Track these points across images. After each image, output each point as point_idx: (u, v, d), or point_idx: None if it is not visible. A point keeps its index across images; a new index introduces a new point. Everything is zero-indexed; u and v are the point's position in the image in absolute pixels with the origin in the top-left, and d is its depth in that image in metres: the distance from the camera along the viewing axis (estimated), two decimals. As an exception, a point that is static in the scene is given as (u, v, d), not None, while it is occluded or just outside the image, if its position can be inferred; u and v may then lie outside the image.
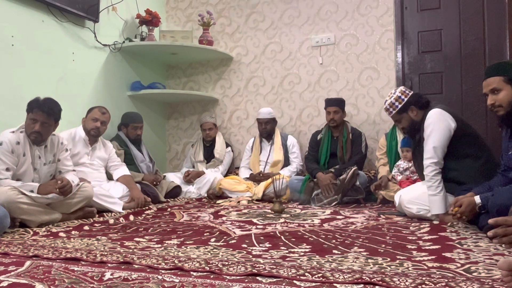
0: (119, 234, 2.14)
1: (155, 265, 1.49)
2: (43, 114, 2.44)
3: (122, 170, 3.32)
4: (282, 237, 1.98)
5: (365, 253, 1.62)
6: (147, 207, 3.13)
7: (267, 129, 3.95)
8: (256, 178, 3.83)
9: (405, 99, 2.56)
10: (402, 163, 3.28)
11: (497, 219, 1.48)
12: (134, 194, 3.15)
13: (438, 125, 2.35)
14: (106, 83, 3.84)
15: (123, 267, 1.49)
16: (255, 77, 4.41)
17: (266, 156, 3.96)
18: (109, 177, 3.33)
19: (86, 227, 2.35)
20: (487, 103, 2.07)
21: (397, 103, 2.57)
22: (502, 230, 1.46)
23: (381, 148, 3.59)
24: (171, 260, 1.54)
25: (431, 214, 2.35)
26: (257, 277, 1.33)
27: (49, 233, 2.19)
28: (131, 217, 2.70)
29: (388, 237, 1.92)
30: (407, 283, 1.23)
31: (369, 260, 1.51)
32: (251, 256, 1.61)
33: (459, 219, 2.05)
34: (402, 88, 2.66)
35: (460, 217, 2.01)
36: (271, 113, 3.98)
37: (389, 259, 1.52)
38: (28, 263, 1.55)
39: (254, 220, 2.50)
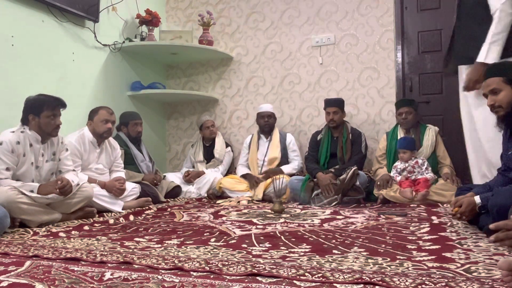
0: (119, 234, 2.14)
1: (155, 265, 1.49)
2: (59, 107, 2.57)
3: (119, 173, 3.25)
4: (282, 237, 1.98)
5: (365, 253, 1.62)
6: (147, 207, 3.13)
7: (269, 122, 3.95)
8: (252, 181, 3.72)
9: None
10: (399, 164, 3.29)
11: (498, 224, 1.46)
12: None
13: None
14: (106, 83, 3.85)
15: (123, 267, 1.49)
16: (255, 77, 4.41)
17: (264, 154, 3.92)
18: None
19: (86, 227, 2.35)
20: (487, 104, 2.07)
21: None
22: (503, 234, 1.44)
23: (380, 149, 3.59)
24: (171, 260, 1.54)
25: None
26: (257, 277, 1.33)
27: (49, 233, 2.19)
28: (131, 217, 2.71)
29: (388, 237, 1.92)
30: (407, 283, 1.23)
31: (369, 260, 1.51)
32: (251, 256, 1.61)
33: (459, 219, 2.05)
34: None
35: (460, 217, 2.01)
36: (272, 108, 4.03)
37: (389, 259, 1.52)
38: (28, 263, 1.55)
39: (254, 220, 2.50)
